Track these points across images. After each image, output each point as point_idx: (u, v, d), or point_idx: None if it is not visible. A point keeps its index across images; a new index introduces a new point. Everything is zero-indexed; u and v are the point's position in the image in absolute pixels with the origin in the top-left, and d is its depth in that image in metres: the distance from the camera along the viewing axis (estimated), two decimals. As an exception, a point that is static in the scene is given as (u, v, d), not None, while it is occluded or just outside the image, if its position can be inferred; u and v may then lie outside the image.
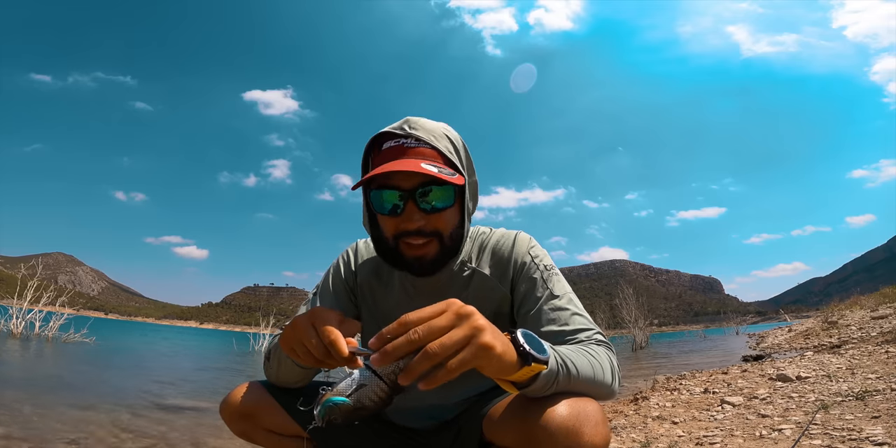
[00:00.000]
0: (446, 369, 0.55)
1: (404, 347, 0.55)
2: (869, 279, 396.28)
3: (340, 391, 0.57)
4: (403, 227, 0.86)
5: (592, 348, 0.80)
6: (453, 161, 0.87)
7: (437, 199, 0.85)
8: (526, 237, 1.01)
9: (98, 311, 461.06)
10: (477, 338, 0.56)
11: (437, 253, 0.89)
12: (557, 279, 0.93)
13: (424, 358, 0.54)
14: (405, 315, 0.57)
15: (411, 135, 0.86)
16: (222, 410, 0.99)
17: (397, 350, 0.55)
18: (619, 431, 2.46)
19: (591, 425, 0.67)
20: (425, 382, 0.55)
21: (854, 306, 11.53)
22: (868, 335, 6.15)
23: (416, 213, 0.84)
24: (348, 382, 0.58)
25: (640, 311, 17.27)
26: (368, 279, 1.05)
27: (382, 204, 0.86)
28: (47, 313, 11.14)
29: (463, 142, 0.94)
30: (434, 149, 0.86)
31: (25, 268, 11.95)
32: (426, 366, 0.54)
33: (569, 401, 0.69)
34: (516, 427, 0.72)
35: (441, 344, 0.54)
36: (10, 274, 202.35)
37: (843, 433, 1.83)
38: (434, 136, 0.87)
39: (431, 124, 0.89)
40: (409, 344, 0.55)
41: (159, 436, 2.66)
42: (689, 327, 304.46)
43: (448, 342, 0.55)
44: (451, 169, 0.86)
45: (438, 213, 0.86)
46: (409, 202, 0.84)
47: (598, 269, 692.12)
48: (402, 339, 0.55)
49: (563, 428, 0.66)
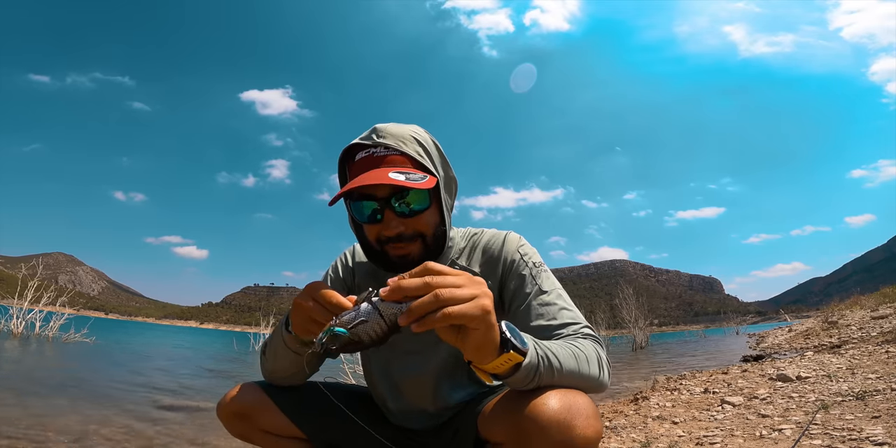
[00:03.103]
0: (442, 314, 0.58)
1: (417, 287, 0.59)
2: (869, 279, 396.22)
3: (344, 323, 0.62)
4: (385, 234, 0.89)
5: (579, 342, 0.81)
6: (423, 163, 0.89)
7: (414, 202, 0.88)
8: (515, 236, 1.02)
9: (98, 311, 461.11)
10: (481, 299, 0.61)
11: (420, 251, 0.91)
12: (546, 276, 0.95)
13: (433, 298, 0.58)
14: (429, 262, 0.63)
15: (379, 143, 0.88)
16: (219, 411, 0.99)
17: (410, 288, 0.59)
18: (619, 431, 2.46)
19: (583, 418, 0.67)
20: (419, 324, 0.59)
21: (854, 306, 11.53)
22: (868, 335, 6.15)
23: (394, 219, 0.87)
24: (352, 316, 0.63)
25: (640, 311, 17.24)
26: (366, 280, 1.07)
27: (363, 214, 0.89)
28: (48, 313, 11.14)
29: (434, 140, 0.95)
30: (403, 154, 0.88)
31: (26, 268, 11.96)
32: (430, 308, 0.58)
33: (559, 394, 0.70)
34: (508, 422, 0.73)
35: (451, 292, 0.59)
36: (10, 274, 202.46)
37: (843, 433, 1.83)
38: (402, 142, 0.88)
39: (399, 129, 0.91)
40: (423, 286, 0.59)
41: (159, 435, 2.66)
42: (689, 327, 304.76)
43: (458, 293, 0.59)
44: (423, 172, 0.88)
45: (417, 216, 0.89)
46: (387, 210, 0.87)
47: (598, 269, 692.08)
48: (418, 279, 0.60)
49: (554, 421, 0.66)
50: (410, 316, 0.58)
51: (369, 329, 0.62)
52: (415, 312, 0.58)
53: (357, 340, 0.62)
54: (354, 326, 0.62)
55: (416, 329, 0.59)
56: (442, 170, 0.94)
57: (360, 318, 0.62)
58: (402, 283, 0.60)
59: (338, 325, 0.62)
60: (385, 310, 0.61)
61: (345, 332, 0.61)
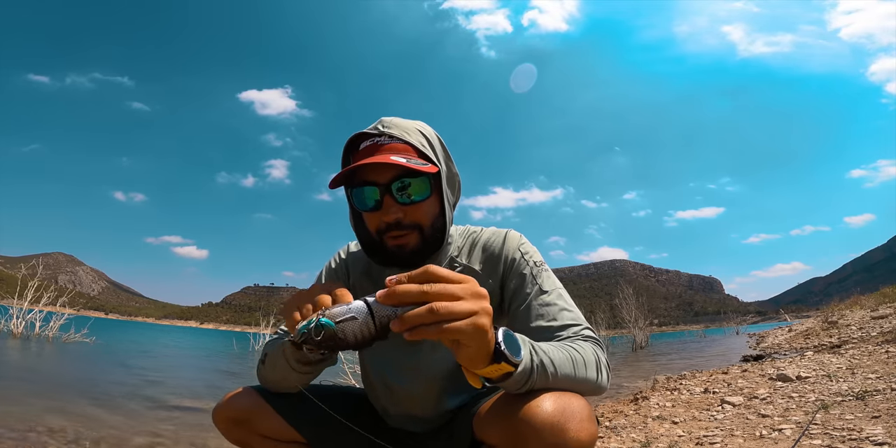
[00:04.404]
0: (437, 329, 0.56)
1: (414, 295, 0.56)
2: (869, 279, 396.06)
3: (332, 315, 0.58)
4: (384, 221, 0.88)
5: (578, 344, 0.80)
6: (426, 153, 0.90)
7: (414, 191, 0.88)
8: (516, 235, 1.02)
9: (98, 311, 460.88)
10: (479, 316, 0.58)
11: (417, 243, 0.91)
12: (547, 275, 0.94)
13: (428, 312, 0.55)
14: (431, 266, 0.59)
15: (385, 133, 0.90)
16: (215, 417, 0.97)
17: (406, 294, 0.56)
18: (619, 431, 2.46)
19: (577, 421, 0.67)
20: (412, 333, 0.56)
21: (854, 306, 11.53)
22: (868, 335, 6.15)
23: (393, 205, 0.87)
24: (343, 309, 0.59)
25: (640, 310, 17.25)
26: (360, 279, 1.06)
27: (363, 200, 0.90)
28: (48, 313, 11.14)
29: (438, 136, 0.97)
30: (407, 143, 0.89)
31: (26, 268, 11.96)
32: (425, 320, 0.55)
33: (554, 397, 0.69)
34: (503, 424, 0.73)
35: (448, 307, 0.56)
36: (10, 274, 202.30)
37: (843, 433, 1.83)
38: (407, 132, 0.90)
39: (404, 122, 0.93)
40: (420, 294, 0.56)
41: (159, 436, 2.66)
42: (689, 327, 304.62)
43: (455, 309, 0.56)
44: (424, 160, 0.89)
45: (416, 205, 0.89)
46: (387, 196, 0.87)
47: (598, 269, 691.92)
48: (416, 287, 0.57)
49: (548, 424, 0.66)
50: (403, 324, 0.56)
51: (356, 328, 0.58)
52: (408, 322, 0.56)
53: (341, 337, 0.57)
54: (342, 321, 0.57)
55: (409, 338, 0.56)
56: (445, 164, 0.95)
57: (351, 313, 0.58)
58: (398, 290, 0.57)
59: (325, 316, 0.58)
60: (378, 311, 0.58)
61: (331, 325, 0.57)
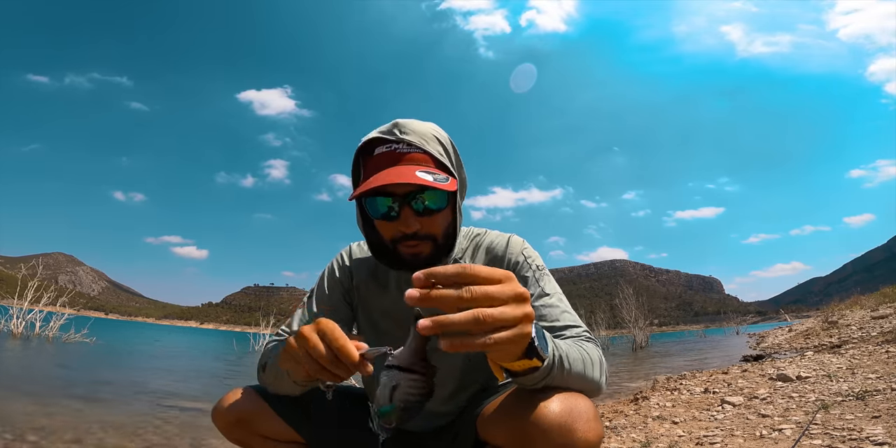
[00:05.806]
0: (481, 342, 0.49)
1: (451, 300, 0.48)
2: (869, 279, 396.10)
3: (380, 401, 0.55)
4: (400, 231, 0.87)
5: (583, 344, 0.82)
6: (445, 164, 0.88)
7: (432, 202, 0.86)
8: (519, 239, 1.03)
9: (98, 311, 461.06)
10: (525, 324, 0.52)
11: (431, 250, 0.91)
12: (548, 279, 0.96)
13: (473, 321, 0.48)
14: (467, 265, 0.50)
15: (402, 140, 0.86)
16: (215, 417, 0.96)
17: (443, 299, 0.48)
18: (619, 431, 2.46)
19: (584, 421, 0.67)
20: (451, 344, 0.48)
21: (854, 306, 11.53)
22: (868, 335, 6.15)
23: (411, 217, 0.86)
24: (381, 390, 0.55)
25: (640, 310, 17.24)
26: (365, 280, 1.06)
27: (378, 209, 0.87)
28: (48, 313, 11.12)
29: (451, 140, 0.95)
30: (426, 153, 0.87)
31: (26, 268, 11.94)
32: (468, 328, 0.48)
33: (561, 397, 0.69)
34: (509, 425, 0.72)
35: (493, 316, 0.49)
36: (10, 274, 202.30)
37: (843, 433, 1.82)
38: (425, 140, 0.87)
39: (421, 127, 0.89)
40: (457, 299, 0.48)
41: (159, 436, 2.66)
42: (689, 327, 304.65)
43: (500, 317, 0.49)
44: (445, 173, 0.87)
45: (433, 216, 0.88)
46: (405, 207, 0.85)
47: (598, 269, 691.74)
48: (454, 292, 0.48)
49: (556, 424, 0.66)
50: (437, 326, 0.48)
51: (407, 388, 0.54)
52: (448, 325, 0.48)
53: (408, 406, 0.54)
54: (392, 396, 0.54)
55: (447, 349, 0.48)
56: (457, 172, 0.94)
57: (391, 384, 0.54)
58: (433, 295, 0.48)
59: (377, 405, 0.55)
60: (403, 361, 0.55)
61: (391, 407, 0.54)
